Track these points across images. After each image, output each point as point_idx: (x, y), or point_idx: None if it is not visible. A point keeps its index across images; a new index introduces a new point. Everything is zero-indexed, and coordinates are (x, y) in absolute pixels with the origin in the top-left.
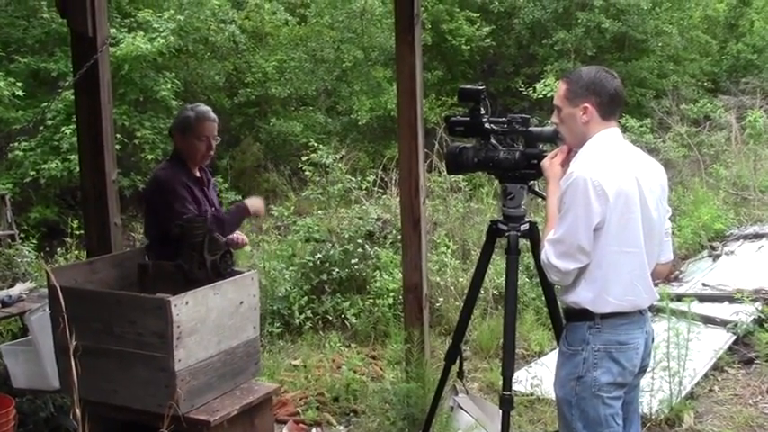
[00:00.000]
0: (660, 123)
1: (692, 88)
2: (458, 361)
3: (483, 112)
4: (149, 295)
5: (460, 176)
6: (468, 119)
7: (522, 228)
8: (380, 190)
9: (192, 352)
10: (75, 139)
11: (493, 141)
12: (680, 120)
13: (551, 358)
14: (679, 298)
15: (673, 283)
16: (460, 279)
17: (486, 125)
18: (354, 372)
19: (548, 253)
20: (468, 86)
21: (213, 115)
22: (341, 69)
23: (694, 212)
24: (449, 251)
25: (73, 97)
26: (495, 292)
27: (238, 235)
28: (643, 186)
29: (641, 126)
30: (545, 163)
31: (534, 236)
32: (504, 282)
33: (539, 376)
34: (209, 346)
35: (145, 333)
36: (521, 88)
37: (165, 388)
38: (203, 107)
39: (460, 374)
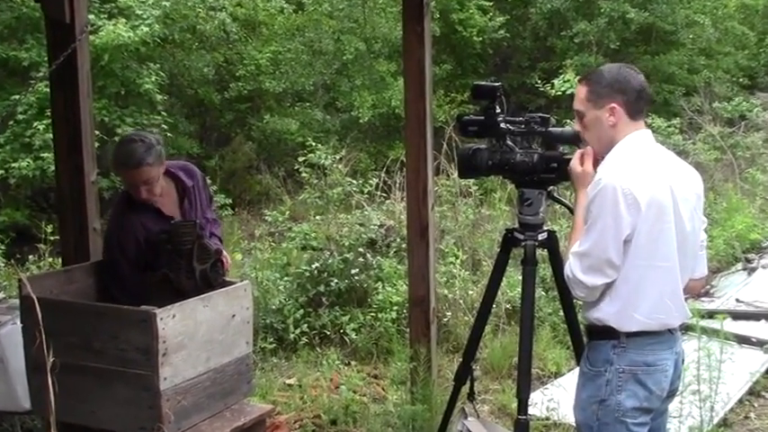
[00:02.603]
0: (690, 123)
1: (726, 84)
2: (468, 381)
3: (499, 110)
4: (132, 307)
5: (472, 180)
6: (482, 118)
7: (540, 237)
8: (383, 194)
9: (179, 370)
10: (49, 135)
11: (509, 142)
12: (712, 119)
13: (569, 379)
14: (710, 315)
15: (703, 299)
16: (470, 292)
17: (502, 125)
18: (354, 392)
19: (573, 266)
20: (484, 83)
21: (140, 157)
22: (341, 62)
23: (727, 221)
24: (458, 261)
25: (47, 90)
26: (507, 306)
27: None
28: (677, 194)
29: (669, 126)
30: (575, 167)
31: (553, 245)
32: (518, 295)
33: (555, 399)
34: (198, 364)
35: (127, 349)
36: (537, 84)
37: (149, 409)
38: (129, 147)
39: (471, 396)
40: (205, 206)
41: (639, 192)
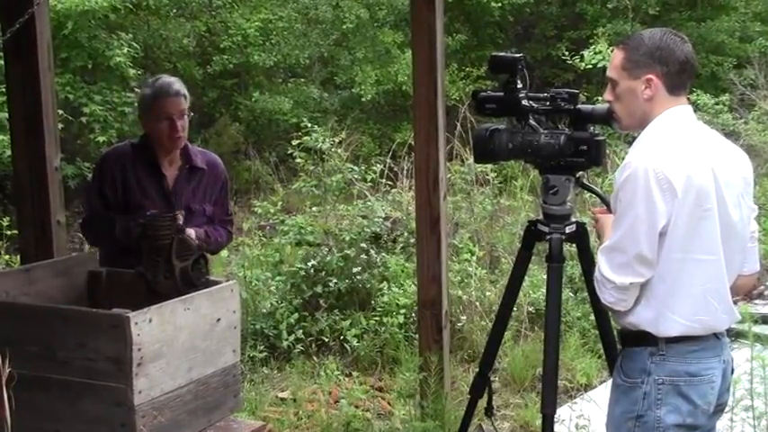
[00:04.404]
0: (742, 100)
1: None
2: (485, 394)
3: (520, 85)
4: (103, 311)
5: (489, 166)
6: (501, 94)
7: (568, 229)
8: (389, 182)
9: (156, 382)
10: (4, 114)
11: (532, 122)
12: None
13: (601, 392)
14: (765, 320)
15: (756, 301)
16: (488, 293)
17: (524, 102)
18: (356, 407)
19: (600, 265)
20: (502, 54)
21: (177, 87)
22: (340, 32)
23: None
24: (473, 258)
25: (1, 62)
26: (530, 309)
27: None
28: (720, 178)
29: (717, 103)
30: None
31: (582, 239)
32: (542, 297)
33: (585, 415)
34: (178, 375)
35: (96, 358)
36: (564, 56)
37: (122, 427)
38: (165, 79)
39: (489, 411)
40: (210, 201)
41: (674, 174)
